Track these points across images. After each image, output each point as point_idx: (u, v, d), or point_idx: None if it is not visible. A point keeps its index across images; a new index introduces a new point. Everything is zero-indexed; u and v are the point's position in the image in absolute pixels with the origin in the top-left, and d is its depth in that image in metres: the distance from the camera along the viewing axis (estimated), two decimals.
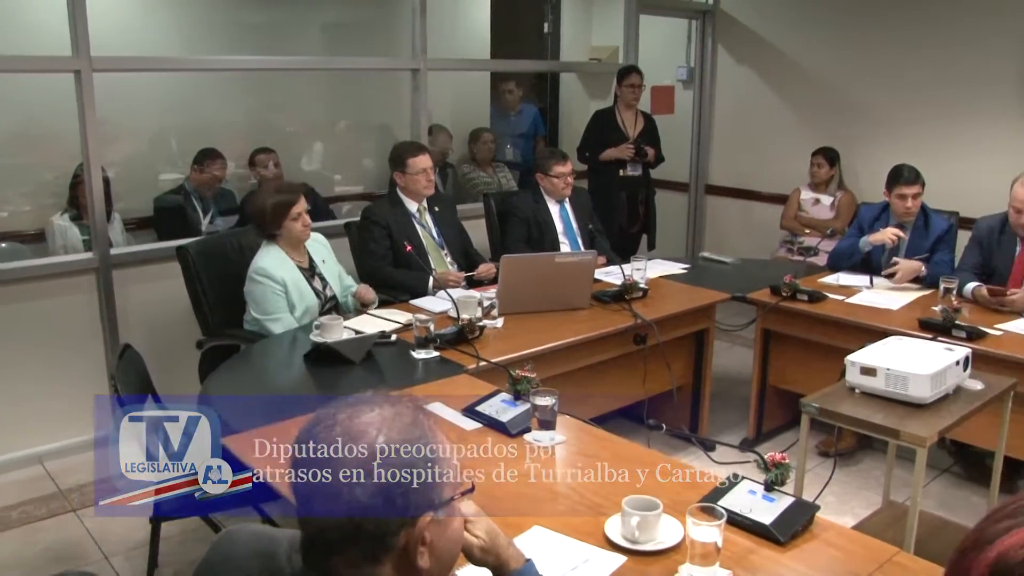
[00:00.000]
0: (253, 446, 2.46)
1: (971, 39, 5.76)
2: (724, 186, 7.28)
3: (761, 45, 6.89)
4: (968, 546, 1.00)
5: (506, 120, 7.07)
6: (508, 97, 6.99)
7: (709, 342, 4.36)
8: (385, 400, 1.31)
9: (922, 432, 2.56)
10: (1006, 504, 1.02)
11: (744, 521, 2.10)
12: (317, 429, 1.27)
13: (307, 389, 3.13)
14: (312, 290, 3.83)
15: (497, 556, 1.58)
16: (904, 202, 4.55)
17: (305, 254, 3.90)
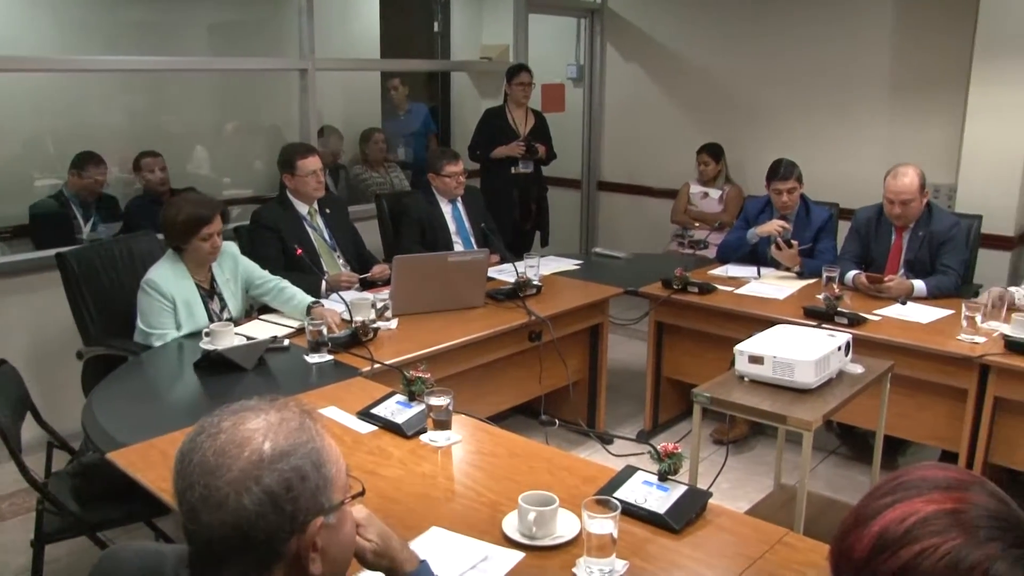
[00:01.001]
0: (141, 459, 2.40)
1: (847, 39, 5.99)
2: (616, 182, 7.39)
3: (648, 43, 7.01)
4: (851, 523, 1.04)
5: (397, 120, 7.03)
6: (393, 95, 6.94)
7: (603, 336, 4.41)
8: (271, 405, 1.28)
9: (808, 416, 2.63)
10: (886, 481, 1.05)
11: (639, 511, 2.13)
12: (201, 438, 1.23)
13: (198, 398, 3.04)
14: (206, 312, 3.67)
15: (391, 559, 1.56)
16: (780, 196, 4.70)
17: (208, 272, 3.74)
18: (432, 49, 7.47)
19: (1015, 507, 1.01)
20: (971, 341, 3.60)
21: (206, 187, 5.61)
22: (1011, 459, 3.69)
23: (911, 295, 4.19)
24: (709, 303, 4.19)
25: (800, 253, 4.65)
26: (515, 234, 5.94)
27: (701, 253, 5.71)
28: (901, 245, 4.43)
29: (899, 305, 4.09)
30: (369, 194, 6.05)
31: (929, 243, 4.36)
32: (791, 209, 4.75)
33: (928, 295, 4.19)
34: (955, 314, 3.82)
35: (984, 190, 5.27)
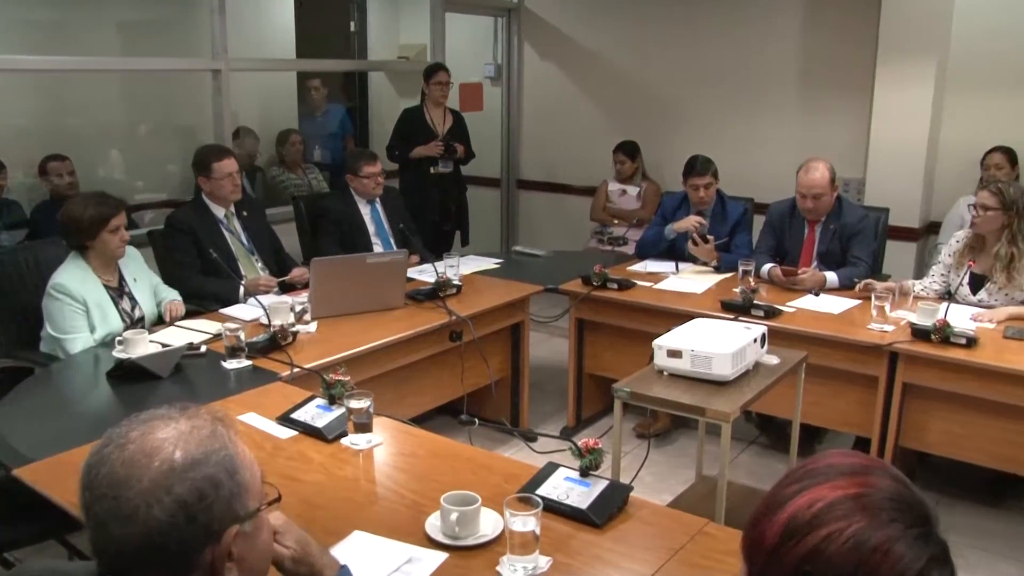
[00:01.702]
0: (50, 475, 2.32)
1: (758, 39, 6.14)
2: (535, 180, 7.42)
3: (565, 42, 7.06)
4: (761, 511, 1.06)
5: (314, 121, 6.95)
6: (314, 95, 6.87)
7: (525, 335, 4.43)
8: (181, 414, 1.25)
9: (726, 408, 2.68)
10: (795, 470, 1.08)
11: (562, 507, 2.14)
12: (108, 450, 1.20)
13: (111, 409, 2.96)
14: (117, 312, 3.59)
15: (310, 566, 1.54)
16: (697, 192, 4.78)
17: (115, 271, 3.66)
18: (349, 49, 7.41)
19: (915, 489, 1.05)
20: (880, 330, 3.71)
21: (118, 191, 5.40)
22: (920, 442, 3.81)
23: (824, 287, 4.30)
24: (628, 299, 4.24)
25: (717, 248, 4.74)
26: (435, 234, 5.93)
27: (620, 250, 5.78)
28: (814, 238, 4.54)
29: (812, 296, 4.20)
30: (287, 196, 5.97)
31: (840, 235, 4.48)
32: (707, 204, 4.83)
33: (840, 286, 4.31)
34: (865, 304, 3.93)
35: (891, 184, 5.45)
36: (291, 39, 6.69)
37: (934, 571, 0.98)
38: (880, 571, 0.96)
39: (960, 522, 3.87)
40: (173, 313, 3.74)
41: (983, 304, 4.03)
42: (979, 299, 4.06)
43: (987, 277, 4.05)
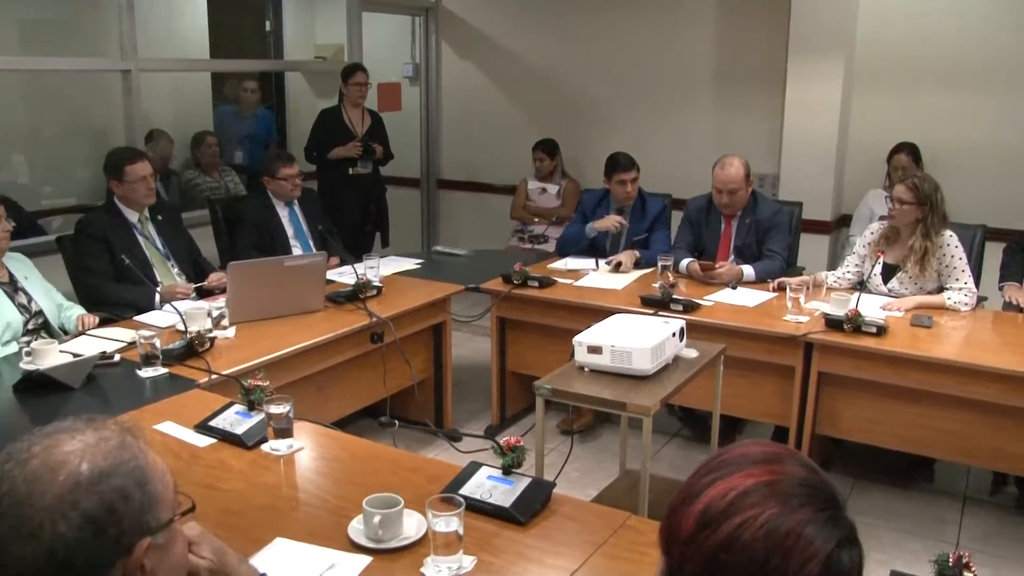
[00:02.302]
0: None
1: (673, 37, 6.25)
2: (455, 180, 7.42)
3: (483, 41, 7.07)
4: (677, 502, 1.08)
5: (238, 122, 6.82)
6: (248, 96, 6.74)
7: (446, 335, 4.41)
8: (87, 425, 1.21)
9: (646, 402, 2.71)
10: (708, 460, 1.10)
11: (485, 506, 2.14)
12: (9, 466, 1.15)
13: (18, 423, 2.85)
14: (15, 306, 3.48)
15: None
16: (624, 187, 4.82)
17: (3, 269, 3.56)
18: (264, 49, 7.30)
19: (823, 474, 1.08)
20: (795, 321, 3.80)
21: (24, 197, 5.30)
22: (835, 429, 3.92)
23: (741, 280, 4.38)
24: (549, 296, 4.26)
25: (635, 244, 4.80)
26: (355, 235, 5.88)
27: (541, 247, 5.81)
28: (730, 232, 4.63)
29: (730, 290, 4.27)
30: (203, 200, 5.85)
31: (756, 230, 4.57)
32: (631, 200, 4.88)
33: (757, 279, 4.39)
34: (781, 296, 4.01)
35: (804, 178, 5.59)
36: (204, 39, 6.56)
37: (843, 551, 1.01)
38: (793, 554, 0.99)
39: (874, 504, 3.99)
40: (87, 324, 3.64)
41: (894, 293, 4.16)
42: (890, 288, 4.19)
43: (899, 267, 4.17)
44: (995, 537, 3.77)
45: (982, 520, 3.91)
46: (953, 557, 1.83)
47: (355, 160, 5.92)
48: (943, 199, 4.10)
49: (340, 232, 5.14)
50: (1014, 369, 3.40)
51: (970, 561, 1.82)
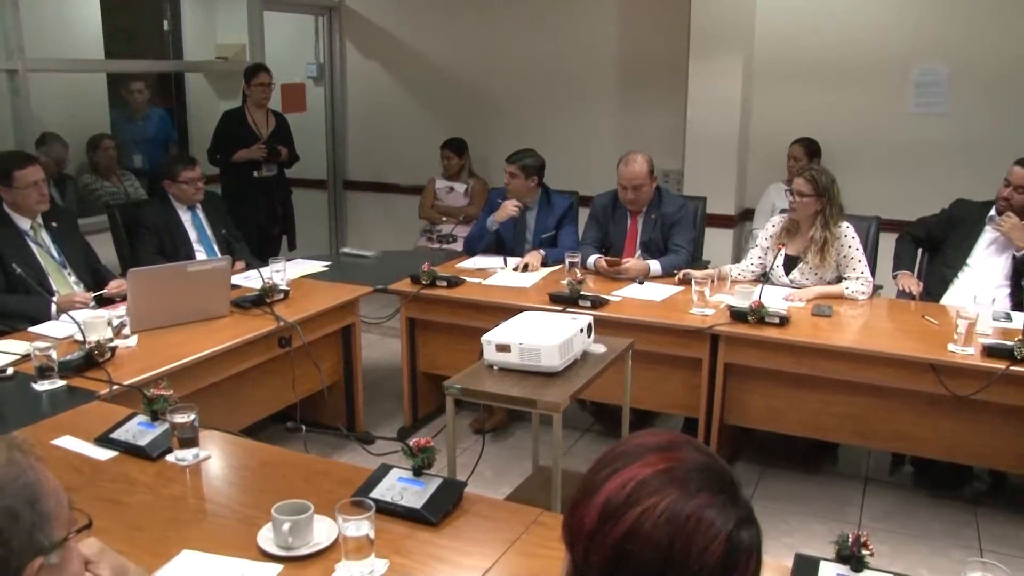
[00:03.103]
0: None
1: (577, 36, 6.32)
2: (362, 181, 7.36)
3: (388, 40, 7.03)
4: (579, 497, 1.09)
5: (134, 125, 6.63)
6: (137, 98, 6.55)
7: (356, 337, 4.37)
8: None
9: (556, 399, 2.73)
10: (606, 454, 1.12)
11: (396, 509, 2.13)
12: None
13: None
14: None
15: None
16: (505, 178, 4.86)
17: None
18: (163, 49, 7.10)
19: (718, 458, 1.11)
20: (701, 314, 3.87)
21: None
22: (743, 418, 4.01)
23: (648, 275, 4.45)
24: (458, 296, 4.26)
25: (543, 242, 4.84)
26: (261, 239, 5.79)
27: (450, 247, 5.80)
28: (636, 228, 4.69)
29: (637, 285, 4.33)
30: (101, 205, 5.68)
31: (661, 225, 4.64)
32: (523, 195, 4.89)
33: (663, 273, 4.46)
34: (687, 290, 4.08)
35: (707, 174, 5.71)
36: (98, 38, 6.36)
37: (743, 531, 1.04)
38: (695, 538, 1.01)
39: (781, 490, 4.10)
40: None
41: (796, 284, 4.28)
42: (792, 279, 4.30)
43: (800, 258, 4.29)
44: (894, 515, 3.92)
45: (882, 499, 4.05)
46: (852, 537, 1.89)
47: (260, 162, 5.83)
48: (839, 191, 4.23)
49: (245, 236, 5.05)
50: (908, 354, 3.53)
51: (868, 540, 1.88)
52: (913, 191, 5.38)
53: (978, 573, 1.73)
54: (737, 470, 4.24)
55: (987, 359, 3.41)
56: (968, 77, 5.38)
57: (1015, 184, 4.16)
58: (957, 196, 4.54)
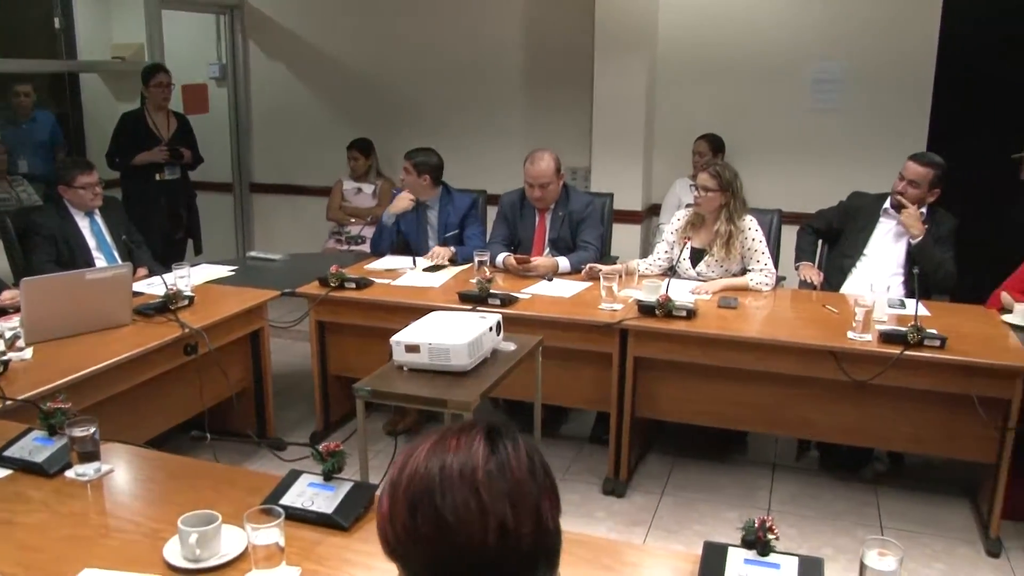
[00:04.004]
0: None
1: (483, 35, 6.32)
2: (269, 183, 7.23)
3: (293, 39, 6.92)
4: (385, 514, 1.12)
5: (18, 129, 6.38)
6: (23, 101, 6.30)
7: (264, 342, 4.29)
8: None
9: (467, 398, 2.73)
10: (405, 452, 1.14)
11: (307, 515, 2.11)
12: None
13: None
14: None
15: None
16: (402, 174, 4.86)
17: None
18: (54, 48, 6.86)
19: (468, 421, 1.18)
20: (610, 309, 3.91)
21: None
22: (654, 411, 4.07)
23: (557, 272, 4.48)
24: (367, 297, 4.22)
25: (447, 241, 4.84)
26: (165, 244, 5.66)
27: (358, 248, 5.75)
28: (544, 225, 4.72)
29: (546, 282, 4.36)
30: None
31: (569, 222, 4.68)
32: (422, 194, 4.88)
33: (572, 270, 4.50)
34: (595, 285, 4.12)
35: (614, 170, 5.78)
36: None
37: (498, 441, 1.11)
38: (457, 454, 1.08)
39: (694, 479, 4.17)
40: None
41: (702, 276, 4.36)
42: (698, 272, 4.39)
43: (706, 251, 4.37)
44: (801, 498, 4.03)
45: (790, 484, 4.16)
46: (758, 522, 1.93)
47: (161, 166, 5.69)
48: (742, 186, 4.33)
49: (148, 241, 4.92)
50: (810, 343, 3.64)
51: (773, 525, 1.93)
52: (813, 184, 5.53)
53: (875, 550, 1.78)
54: (650, 462, 4.33)
55: (883, 345, 3.54)
56: (862, 75, 5.55)
57: (908, 179, 4.31)
58: (853, 189, 4.69)
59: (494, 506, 1.04)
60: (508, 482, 1.07)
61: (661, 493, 4.05)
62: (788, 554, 1.94)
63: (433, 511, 1.05)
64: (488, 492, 1.05)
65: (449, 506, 1.04)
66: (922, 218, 4.30)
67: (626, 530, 3.76)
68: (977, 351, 3.49)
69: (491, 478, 1.06)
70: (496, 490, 1.05)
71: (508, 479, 1.07)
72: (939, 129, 5.49)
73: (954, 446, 3.71)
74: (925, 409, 3.66)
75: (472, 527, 1.04)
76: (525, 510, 1.06)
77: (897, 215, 4.35)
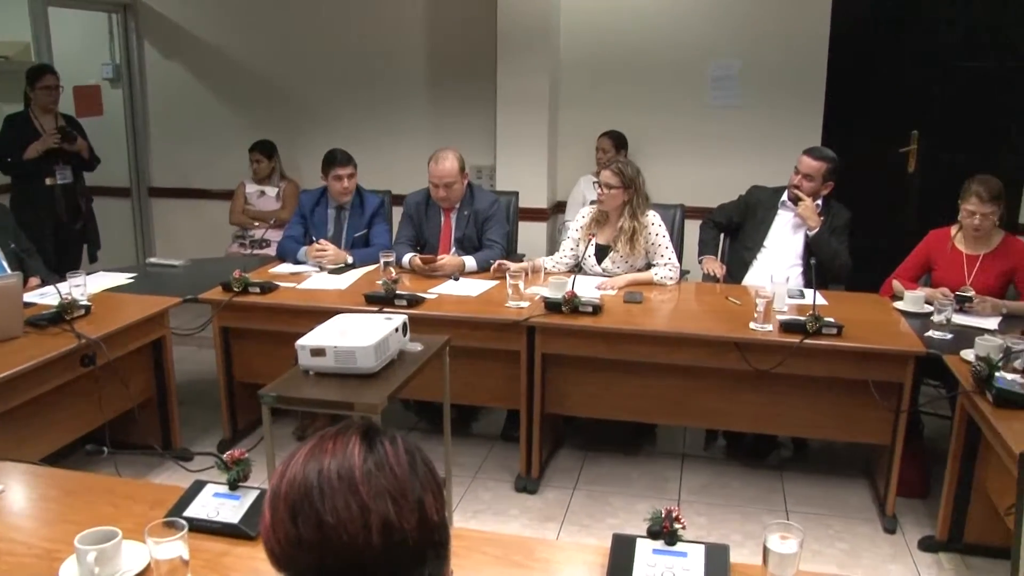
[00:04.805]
0: None
1: (385, 35, 6.29)
2: (168, 187, 7.05)
3: (190, 39, 6.76)
4: (269, 523, 1.12)
5: None
6: None
7: (167, 350, 4.18)
8: None
9: (373, 400, 2.70)
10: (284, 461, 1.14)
11: (212, 525, 2.06)
12: None
13: None
14: None
15: None
16: (341, 183, 4.79)
17: None
18: None
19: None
20: (517, 307, 3.93)
21: None
22: (563, 406, 4.10)
23: (463, 271, 4.47)
24: (272, 301, 4.14)
25: (356, 241, 4.80)
26: (59, 252, 5.47)
27: (263, 252, 5.64)
28: (450, 225, 4.71)
29: (453, 281, 4.35)
30: None
31: (474, 221, 4.68)
32: (349, 196, 4.84)
33: (478, 269, 4.50)
34: (503, 284, 4.13)
35: (519, 168, 5.80)
36: None
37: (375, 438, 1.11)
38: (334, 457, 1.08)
39: (605, 473, 4.22)
40: None
41: (608, 272, 4.41)
42: (604, 268, 4.44)
43: (611, 247, 4.42)
44: (709, 487, 4.12)
45: (699, 474, 4.25)
46: (665, 512, 1.96)
47: (53, 169, 5.49)
48: (644, 182, 4.39)
49: (40, 250, 4.74)
50: (714, 334, 3.72)
51: (679, 515, 1.96)
52: (714, 179, 5.65)
53: (777, 534, 1.83)
54: (561, 458, 4.36)
55: (784, 334, 3.64)
56: (759, 72, 5.70)
57: (803, 172, 4.44)
58: (753, 183, 4.80)
59: (375, 504, 1.05)
60: (388, 479, 1.07)
61: (573, 488, 4.08)
62: (695, 542, 1.97)
63: (314, 515, 1.05)
64: (368, 491, 1.05)
65: (330, 508, 1.04)
66: (818, 210, 4.43)
67: (539, 526, 3.78)
68: (871, 338, 3.62)
69: (370, 477, 1.07)
70: (376, 488, 1.06)
71: (388, 476, 1.07)
72: (832, 124, 5.67)
73: (852, 430, 3.84)
74: (825, 395, 3.78)
75: (355, 527, 1.04)
76: (408, 506, 1.07)
77: (794, 208, 4.48)
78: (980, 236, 4.13)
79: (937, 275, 4.26)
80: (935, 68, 5.65)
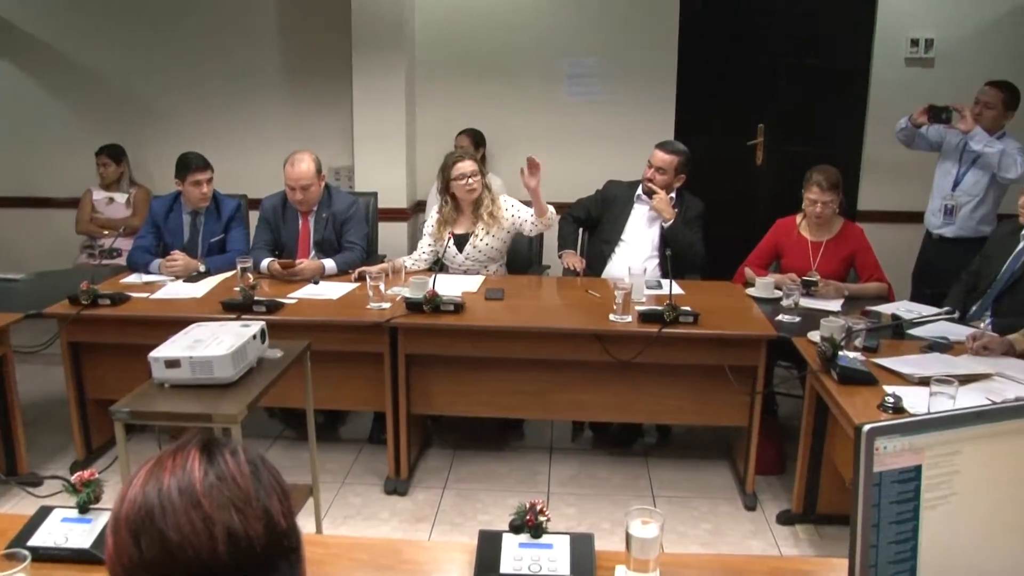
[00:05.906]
0: None
1: (238, 37, 6.15)
2: (8, 196, 6.68)
3: (26, 40, 6.43)
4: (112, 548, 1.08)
5: None
6: None
7: (9, 370, 3.94)
8: None
9: (232, 410, 2.63)
10: (124, 485, 1.11)
11: (61, 552, 1.96)
12: None
13: None
14: None
15: None
16: (199, 188, 4.64)
17: None
18: None
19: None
20: (378, 308, 3.90)
21: None
22: (429, 406, 4.10)
23: (323, 274, 4.41)
24: (123, 313, 3.96)
25: (212, 247, 4.67)
26: None
27: (114, 262, 5.42)
28: (308, 228, 4.64)
29: (313, 285, 4.29)
30: None
31: (333, 223, 4.63)
32: (207, 202, 4.70)
33: (338, 271, 4.45)
34: (363, 286, 4.09)
35: (377, 169, 5.77)
36: None
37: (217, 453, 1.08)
38: (173, 474, 1.05)
39: (474, 470, 4.24)
40: None
41: (471, 259, 4.49)
42: (467, 255, 4.48)
43: (470, 233, 4.53)
44: (578, 477, 4.19)
45: (567, 465, 4.31)
46: (529, 505, 1.98)
47: None
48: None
49: None
50: (576, 327, 3.79)
51: (544, 507, 1.98)
52: (572, 174, 5.70)
53: (638, 519, 1.86)
54: (430, 458, 4.36)
55: (643, 325, 3.73)
56: (613, 69, 5.84)
57: (656, 166, 4.56)
58: (610, 177, 4.90)
59: (219, 515, 1.03)
60: (231, 490, 1.05)
61: (443, 488, 4.08)
62: (560, 533, 1.99)
63: (157, 534, 1.02)
64: (211, 503, 1.03)
65: (172, 526, 1.02)
66: (672, 203, 4.56)
67: (411, 528, 3.76)
68: (726, 324, 3.76)
69: (212, 489, 1.04)
70: (219, 500, 1.04)
71: (231, 487, 1.05)
72: (684, 118, 5.85)
73: (712, 414, 3.97)
74: (684, 382, 3.90)
75: (200, 540, 1.02)
76: (253, 513, 1.05)
77: (649, 201, 4.60)
78: (822, 223, 4.34)
79: (785, 262, 4.45)
80: (778, 64, 5.90)
